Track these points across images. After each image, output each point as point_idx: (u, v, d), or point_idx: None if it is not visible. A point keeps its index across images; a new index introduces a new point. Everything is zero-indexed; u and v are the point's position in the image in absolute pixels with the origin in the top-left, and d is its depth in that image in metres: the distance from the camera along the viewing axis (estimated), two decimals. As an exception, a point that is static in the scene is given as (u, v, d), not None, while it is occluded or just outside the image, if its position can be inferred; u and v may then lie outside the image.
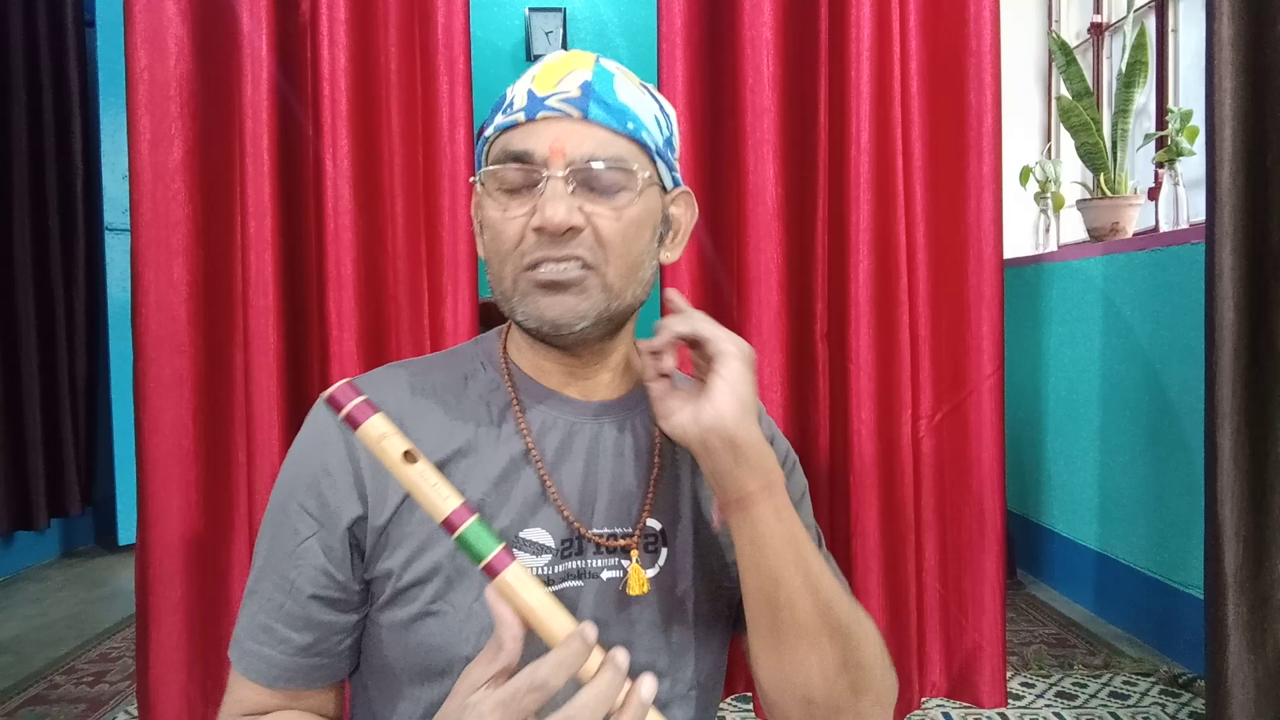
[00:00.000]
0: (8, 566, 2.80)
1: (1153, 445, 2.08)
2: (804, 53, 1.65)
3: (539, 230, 0.62)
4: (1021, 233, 2.87)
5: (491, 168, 0.66)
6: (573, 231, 0.62)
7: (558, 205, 0.61)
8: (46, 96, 2.86)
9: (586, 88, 0.64)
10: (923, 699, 1.74)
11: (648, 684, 0.51)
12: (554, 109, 0.63)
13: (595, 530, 0.67)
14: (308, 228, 1.61)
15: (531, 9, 3.72)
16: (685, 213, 0.73)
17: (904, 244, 1.65)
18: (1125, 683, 1.86)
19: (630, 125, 0.65)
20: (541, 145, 0.63)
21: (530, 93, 0.65)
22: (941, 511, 1.73)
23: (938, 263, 1.71)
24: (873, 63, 1.62)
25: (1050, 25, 3.01)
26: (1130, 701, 1.77)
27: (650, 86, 0.71)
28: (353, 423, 0.53)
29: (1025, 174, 2.67)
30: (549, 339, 0.66)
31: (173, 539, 1.55)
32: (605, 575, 0.67)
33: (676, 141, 0.72)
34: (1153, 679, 1.87)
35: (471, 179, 0.70)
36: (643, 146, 0.66)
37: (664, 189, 0.69)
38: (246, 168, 1.54)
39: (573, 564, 0.66)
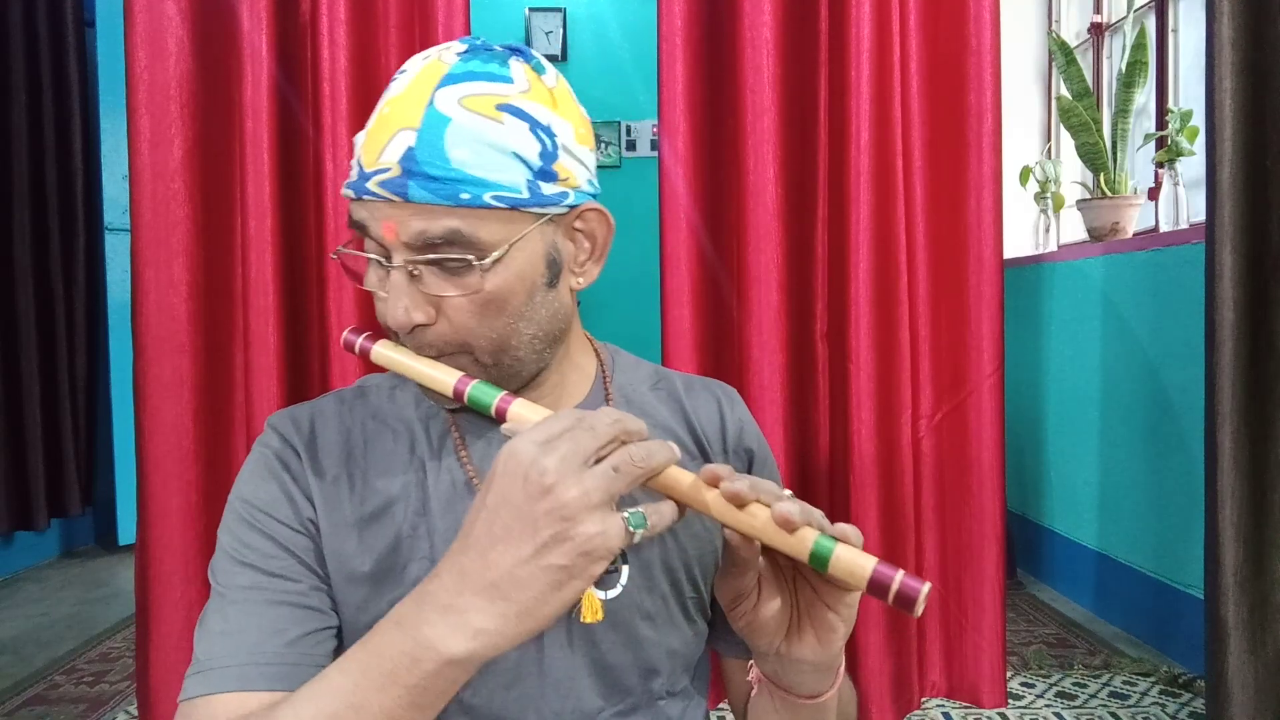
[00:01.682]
0: (8, 566, 2.80)
1: (1153, 445, 2.08)
2: (804, 53, 1.65)
3: None
4: (1021, 233, 2.87)
5: (347, 248, 0.62)
6: (421, 327, 0.59)
7: (395, 306, 0.57)
8: (46, 96, 2.86)
9: (409, 158, 0.55)
10: (923, 699, 1.74)
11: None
12: (374, 193, 0.56)
13: None
14: (308, 228, 1.61)
15: (531, 9, 3.72)
16: (596, 226, 0.64)
17: (904, 244, 1.65)
18: (1125, 683, 1.86)
19: (465, 196, 0.55)
20: (375, 225, 0.58)
21: (358, 162, 0.58)
22: (941, 511, 1.73)
23: (938, 263, 1.71)
24: (873, 63, 1.62)
25: (1050, 25, 3.01)
26: (1130, 701, 1.77)
27: (518, 98, 0.58)
28: (366, 351, 0.62)
29: (1025, 174, 2.67)
30: None
31: (173, 539, 1.55)
32: None
33: (569, 154, 0.60)
34: (1153, 679, 1.87)
35: (332, 255, 0.67)
36: (491, 209, 0.56)
37: (560, 212, 0.61)
38: (246, 168, 1.54)
39: None
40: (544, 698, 0.64)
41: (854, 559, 0.48)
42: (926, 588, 0.47)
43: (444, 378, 0.58)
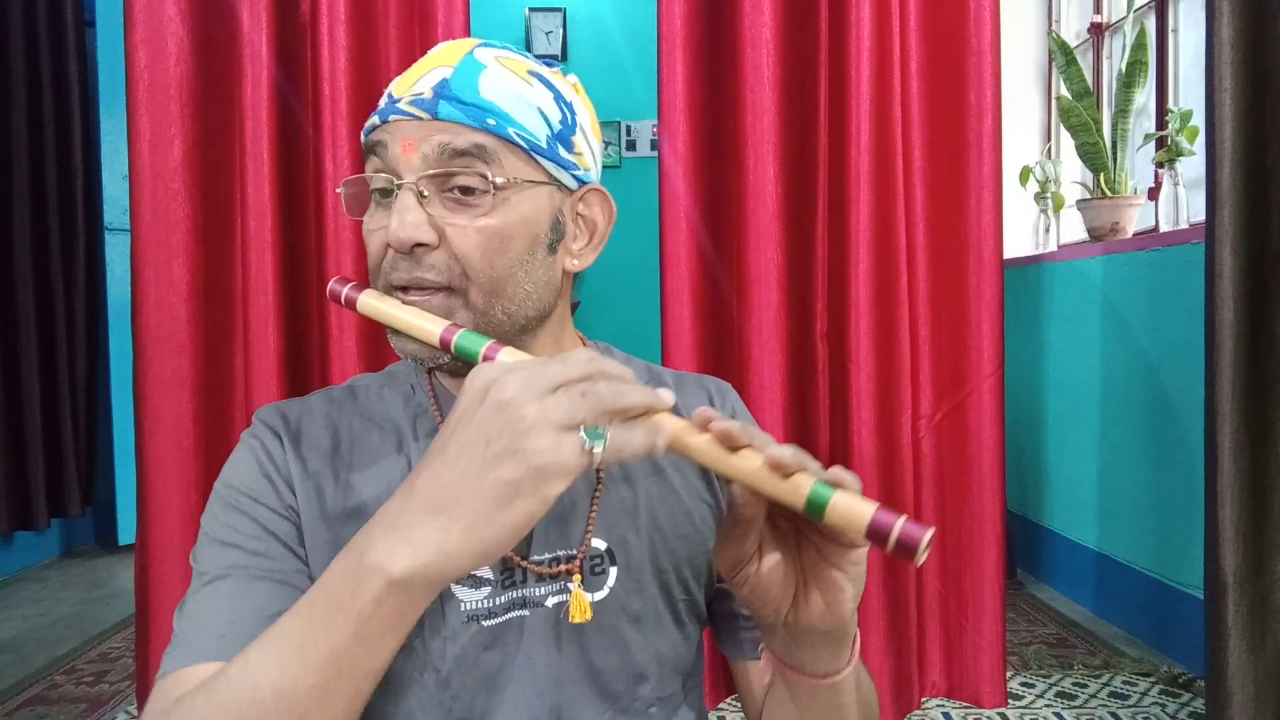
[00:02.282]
0: (8, 566, 2.80)
1: (1153, 445, 2.08)
2: (804, 53, 1.65)
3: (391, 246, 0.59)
4: (1021, 233, 2.87)
5: (353, 176, 0.63)
6: (424, 248, 0.58)
7: (403, 218, 0.57)
8: (46, 96, 2.86)
9: (442, 86, 0.59)
10: (923, 699, 1.74)
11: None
12: (404, 112, 0.59)
13: (535, 557, 0.63)
14: (308, 228, 1.61)
15: (531, 9, 3.72)
16: (599, 212, 0.66)
17: (904, 244, 1.65)
18: (1125, 683, 1.86)
19: (491, 122, 0.58)
20: (394, 142, 0.59)
21: (389, 94, 0.61)
22: (941, 511, 1.73)
23: (938, 263, 1.71)
24: (873, 63, 1.62)
25: (1050, 25, 3.01)
26: (1130, 701, 1.77)
27: (547, 72, 0.63)
28: (351, 300, 0.62)
29: (1025, 174, 2.67)
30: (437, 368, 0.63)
31: (173, 539, 1.55)
32: (551, 601, 0.63)
33: (584, 135, 0.64)
34: (1153, 679, 1.87)
35: (339, 189, 0.67)
36: (512, 144, 0.59)
37: (566, 188, 0.63)
38: (246, 168, 1.54)
39: (515, 593, 0.63)
40: (527, 702, 0.62)
41: (852, 505, 0.46)
42: (929, 534, 0.44)
43: (430, 326, 0.57)
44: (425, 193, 0.58)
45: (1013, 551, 2.49)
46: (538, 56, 0.65)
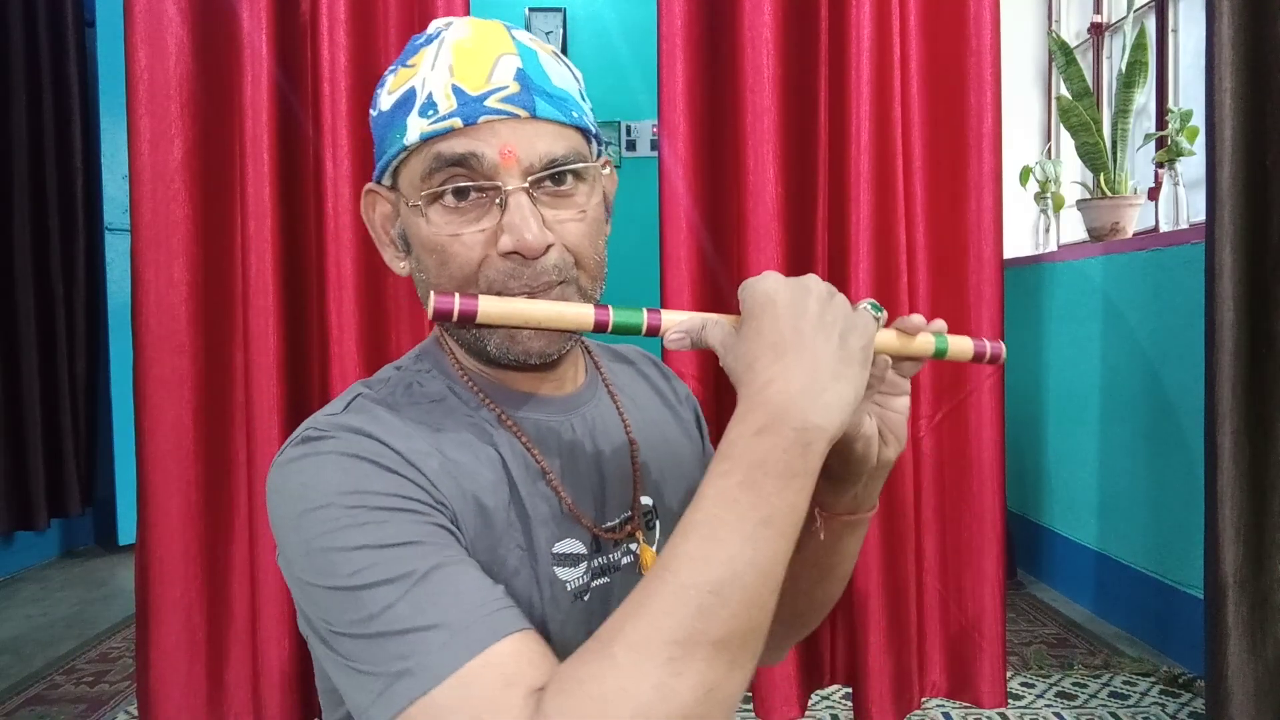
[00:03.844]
0: (8, 566, 2.81)
1: (1153, 445, 2.08)
2: (804, 53, 1.65)
3: (509, 254, 0.57)
4: (1021, 233, 2.87)
5: (432, 189, 0.58)
6: (550, 249, 0.59)
7: (530, 225, 0.56)
8: (46, 96, 2.86)
9: (523, 77, 0.57)
10: (923, 699, 1.74)
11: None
12: (498, 111, 0.56)
13: (607, 524, 0.67)
14: (308, 228, 1.61)
15: (531, 9, 3.72)
16: (609, 182, 0.67)
17: (904, 244, 1.65)
18: (1125, 683, 1.86)
19: (574, 114, 0.60)
20: (490, 150, 0.57)
21: (457, 90, 0.57)
22: (941, 511, 1.73)
23: (938, 263, 1.71)
24: (873, 63, 1.62)
25: (1050, 25, 3.01)
26: (1130, 701, 1.77)
27: (553, 48, 0.64)
28: (470, 312, 0.53)
29: (1025, 174, 2.67)
30: (524, 367, 0.63)
31: (173, 539, 1.55)
32: (624, 562, 0.68)
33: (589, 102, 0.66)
34: (1153, 679, 1.87)
35: (370, 186, 0.65)
36: (584, 132, 0.61)
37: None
38: (246, 168, 1.54)
39: (601, 560, 0.67)
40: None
41: (961, 342, 0.65)
42: (1003, 347, 0.65)
43: (579, 312, 0.55)
44: (534, 193, 0.58)
45: (1013, 551, 2.48)
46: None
